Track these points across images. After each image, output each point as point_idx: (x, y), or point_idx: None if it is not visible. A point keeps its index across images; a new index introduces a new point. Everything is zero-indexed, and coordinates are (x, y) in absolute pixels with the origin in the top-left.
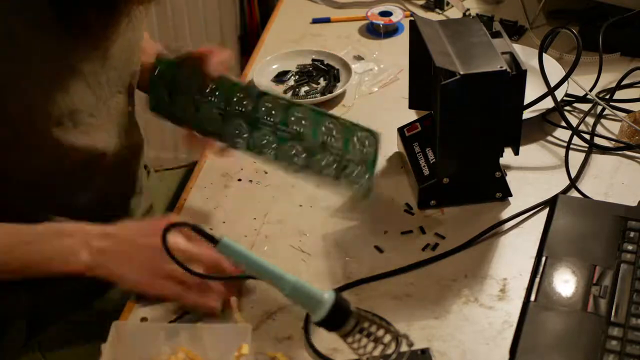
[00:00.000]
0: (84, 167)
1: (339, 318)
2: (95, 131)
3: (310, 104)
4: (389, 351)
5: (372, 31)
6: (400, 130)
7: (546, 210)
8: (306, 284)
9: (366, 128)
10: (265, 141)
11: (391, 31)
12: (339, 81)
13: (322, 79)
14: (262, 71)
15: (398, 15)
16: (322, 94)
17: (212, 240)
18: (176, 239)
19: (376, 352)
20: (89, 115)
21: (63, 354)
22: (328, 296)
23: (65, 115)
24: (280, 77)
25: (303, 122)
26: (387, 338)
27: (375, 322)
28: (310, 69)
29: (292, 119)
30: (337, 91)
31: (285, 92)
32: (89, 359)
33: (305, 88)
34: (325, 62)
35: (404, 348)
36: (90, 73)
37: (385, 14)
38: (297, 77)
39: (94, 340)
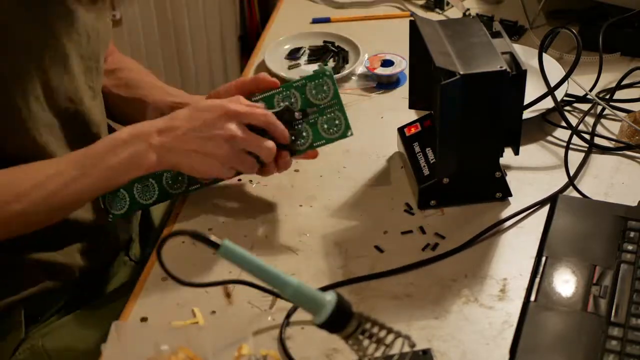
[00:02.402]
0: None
1: (341, 320)
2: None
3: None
4: (391, 352)
5: (370, 78)
6: (400, 130)
7: (546, 210)
8: (308, 286)
9: (315, 75)
10: None
11: (394, 82)
12: (347, 63)
13: (331, 60)
14: (274, 50)
15: (398, 66)
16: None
17: (214, 245)
18: (233, 105)
19: (378, 354)
20: (68, 101)
21: (64, 349)
22: (330, 298)
23: (38, 82)
24: (293, 55)
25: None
26: (389, 339)
27: (377, 323)
28: (322, 50)
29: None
30: (344, 72)
31: (289, 68)
32: (90, 357)
33: (315, 68)
34: (336, 44)
35: (405, 349)
36: (69, 49)
37: (386, 63)
38: (309, 52)
39: (93, 340)
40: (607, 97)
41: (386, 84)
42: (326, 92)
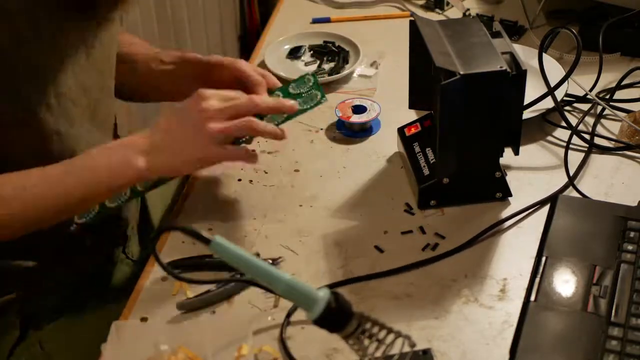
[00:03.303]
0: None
1: (341, 319)
2: (75, 125)
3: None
4: (391, 352)
5: (342, 127)
6: (400, 130)
7: (546, 210)
8: (300, 282)
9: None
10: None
11: (367, 129)
12: (347, 63)
13: (331, 59)
14: (274, 50)
15: (373, 112)
16: (330, 74)
17: (205, 240)
18: (211, 102)
19: (378, 353)
20: (72, 103)
21: (63, 350)
22: (323, 294)
23: (52, 96)
24: (293, 54)
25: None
26: (389, 339)
27: (377, 323)
28: (323, 50)
29: None
30: (344, 72)
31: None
32: (89, 357)
33: (314, 67)
34: (336, 44)
35: (405, 349)
36: (77, 61)
37: (359, 109)
38: (311, 52)
39: (93, 340)
40: (607, 97)
41: (358, 132)
42: (307, 83)
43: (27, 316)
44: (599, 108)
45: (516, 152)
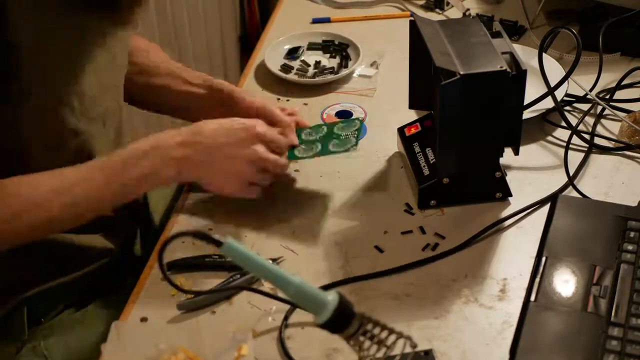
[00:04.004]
0: (76, 158)
1: (342, 320)
2: (93, 124)
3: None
4: (393, 353)
5: None
6: (400, 130)
7: (546, 210)
8: (310, 286)
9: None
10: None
11: None
12: (349, 59)
13: (332, 59)
14: (274, 50)
15: (359, 116)
16: (330, 74)
17: (217, 243)
18: (260, 129)
19: (379, 354)
20: (92, 103)
21: (65, 349)
22: (332, 298)
23: (72, 95)
24: (291, 55)
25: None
26: (391, 340)
27: (378, 324)
28: (321, 49)
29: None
30: (344, 72)
31: (285, 69)
32: (90, 357)
33: (314, 70)
34: (337, 42)
35: (407, 350)
36: (97, 61)
37: (344, 114)
38: (309, 52)
39: (94, 340)
40: (607, 97)
41: None
42: (352, 127)
43: (33, 318)
44: (599, 108)
45: (516, 152)
